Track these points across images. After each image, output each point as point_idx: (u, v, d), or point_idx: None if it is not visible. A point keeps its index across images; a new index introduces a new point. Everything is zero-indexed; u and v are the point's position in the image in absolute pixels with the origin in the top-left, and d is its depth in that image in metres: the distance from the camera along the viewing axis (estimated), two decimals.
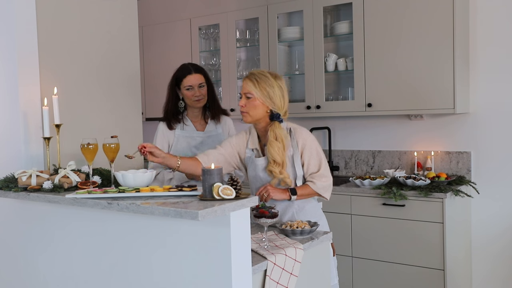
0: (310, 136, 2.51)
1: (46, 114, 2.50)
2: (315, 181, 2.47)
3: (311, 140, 2.49)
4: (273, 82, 2.41)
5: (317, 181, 2.47)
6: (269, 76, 2.43)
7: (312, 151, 2.47)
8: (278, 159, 2.41)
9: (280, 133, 2.42)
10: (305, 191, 2.48)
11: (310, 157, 2.47)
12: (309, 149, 2.47)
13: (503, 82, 3.61)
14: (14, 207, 2.48)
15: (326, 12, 3.98)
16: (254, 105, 2.41)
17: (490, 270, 3.72)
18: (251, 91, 2.41)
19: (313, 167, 2.48)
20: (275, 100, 2.42)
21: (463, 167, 3.76)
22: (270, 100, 2.41)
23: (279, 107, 2.43)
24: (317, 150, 2.49)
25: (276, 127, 2.43)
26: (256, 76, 2.43)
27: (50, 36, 2.84)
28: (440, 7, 3.43)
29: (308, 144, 2.47)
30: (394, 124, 4.02)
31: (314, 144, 2.49)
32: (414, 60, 3.56)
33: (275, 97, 2.42)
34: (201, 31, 4.66)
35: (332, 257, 2.51)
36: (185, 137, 2.89)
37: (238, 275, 1.78)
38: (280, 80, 2.46)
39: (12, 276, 2.54)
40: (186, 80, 2.83)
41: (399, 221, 3.45)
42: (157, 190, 1.98)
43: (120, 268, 2.08)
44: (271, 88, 2.41)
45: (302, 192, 2.48)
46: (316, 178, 2.47)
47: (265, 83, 2.40)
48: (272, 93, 2.41)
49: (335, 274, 2.55)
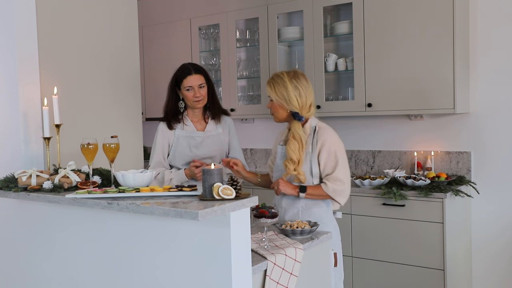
0: (332, 138, 2.51)
1: (46, 114, 2.50)
2: (327, 183, 2.46)
3: (332, 141, 2.49)
4: (287, 84, 2.48)
5: (330, 183, 2.46)
6: (285, 77, 2.50)
7: (330, 153, 2.48)
8: (294, 157, 2.46)
9: (299, 132, 2.48)
10: (316, 191, 2.48)
11: (328, 158, 2.48)
12: (327, 150, 2.48)
13: (503, 82, 3.61)
14: (14, 207, 2.48)
15: (326, 12, 3.98)
16: (275, 108, 2.55)
17: (490, 270, 3.72)
18: (270, 95, 2.54)
19: (329, 169, 2.48)
20: (291, 101, 2.48)
21: (463, 167, 3.76)
22: (285, 102, 2.49)
23: (296, 107, 2.49)
24: (336, 152, 2.48)
25: (295, 126, 2.50)
26: (273, 80, 2.54)
27: (50, 36, 2.84)
28: (440, 7, 3.43)
29: (327, 145, 2.48)
30: (394, 124, 4.02)
31: (334, 146, 2.49)
32: (414, 60, 3.56)
33: (290, 99, 2.48)
34: (201, 31, 4.66)
35: (333, 268, 2.42)
36: (185, 137, 2.89)
37: (238, 275, 1.78)
38: (297, 79, 2.50)
39: (12, 276, 2.54)
40: (186, 81, 2.82)
41: (399, 221, 3.45)
42: (157, 190, 1.98)
43: (120, 268, 2.08)
44: (285, 91, 2.48)
45: (313, 192, 2.48)
46: (330, 180, 2.46)
47: (280, 86, 2.49)
48: (287, 95, 2.48)
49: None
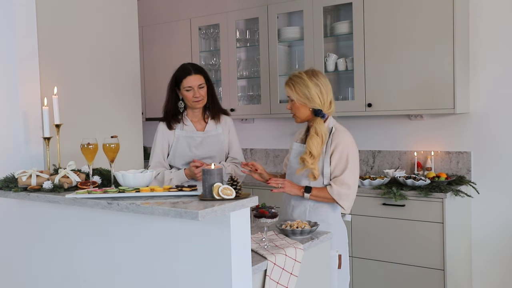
0: (346, 140, 2.51)
1: (46, 114, 2.50)
2: (333, 185, 2.47)
3: (345, 144, 2.49)
4: (308, 82, 2.50)
5: (336, 185, 2.46)
6: (304, 76, 2.52)
7: (342, 156, 2.48)
8: (315, 152, 2.48)
9: (321, 129, 2.51)
10: (321, 192, 2.49)
11: (338, 160, 2.48)
12: (339, 152, 2.48)
13: (503, 82, 3.61)
14: (14, 207, 2.48)
15: (326, 12, 3.98)
16: (297, 107, 2.55)
17: (490, 270, 3.72)
18: (290, 95, 2.55)
19: (338, 171, 2.49)
20: (313, 98, 2.51)
21: (463, 167, 3.76)
22: (307, 100, 2.52)
23: (319, 104, 2.52)
24: (348, 156, 2.48)
25: (317, 123, 2.53)
26: (292, 80, 2.55)
27: (50, 36, 2.84)
28: (440, 7, 3.43)
29: (339, 148, 2.48)
30: (394, 124, 4.02)
31: (346, 150, 2.49)
32: (414, 60, 3.56)
33: (312, 96, 2.51)
34: (201, 31, 4.65)
35: (337, 270, 2.43)
36: (185, 137, 2.88)
37: (238, 275, 1.78)
38: (316, 77, 2.53)
39: (12, 276, 2.54)
40: (185, 81, 2.82)
41: (399, 221, 3.45)
42: (157, 190, 1.98)
43: (120, 268, 2.08)
44: (306, 89, 2.50)
45: (318, 193, 2.48)
46: (336, 183, 2.47)
47: (300, 85, 2.51)
48: (309, 93, 2.50)
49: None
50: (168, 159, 2.90)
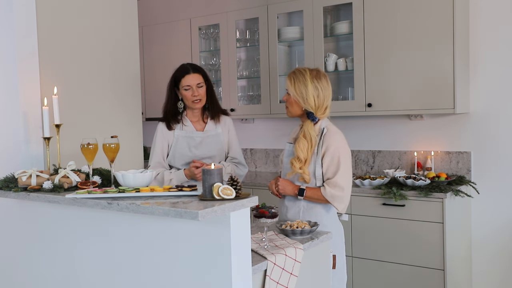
0: (338, 142, 2.47)
1: (46, 114, 2.50)
2: (326, 187, 2.45)
3: (337, 146, 2.46)
4: (308, 82, 2.46)
5: (329, 188, 2.44)
6: (307, 75, 2.48)
7: (334, 158, 2.45)
8: (302, 156, 2.45)
9: (310, 132, 2.47)
10: (314, 194, 2.48)
11: (330, 162, 2.45)
12: (330, 154, 2.45)
13: (503, 82, 3.61)
14: (14, 207, 2.48)
15: (326, 12, 3.98)
16: (290, 102, 2.53)
17: (490, 270, 3.72)
18: (288, 89, 2.51)
19: (330, 173, 2.46)
20: (308, 100, 2.47)
21: (463, 167, 3.76)
22: (302, 100, 2.48)
23: (312, 107, 2.48)
24: (340, 158, 2.44)
25: (307, 125, 2.49)
26: (295, 74, 2.50)
27: (50, 36, 2.84)
28: (440, 7, 3.43)
29: (331, 150, 2.45)
30: (394, 124, 4.02)
31: (338, 151, 2.45)
32: (414, 60, 3.56)
33: (308, 98, 2.46)
34: (201, 31, 4.65)
35: (331, 270, 2.40)
36: (185, 137, 2.88)
37: (238, 275, 1.78)
38: (318, 79, 2.49)
39: (12, 276, 2.54)
40: (184, 80, 2.82)
41: (399, 221, 3.45)
42: (157, 190, 1.98)
43: (120, 268, 2.08)
44: (304, 88, 2.46)
45: (311, 195, 2.48)
46: (330, 185, 2.45)
47: (300, 83, 2.47)
48: (306, 93, 2.46)
49: None
50: (168, 159, 2.90)
